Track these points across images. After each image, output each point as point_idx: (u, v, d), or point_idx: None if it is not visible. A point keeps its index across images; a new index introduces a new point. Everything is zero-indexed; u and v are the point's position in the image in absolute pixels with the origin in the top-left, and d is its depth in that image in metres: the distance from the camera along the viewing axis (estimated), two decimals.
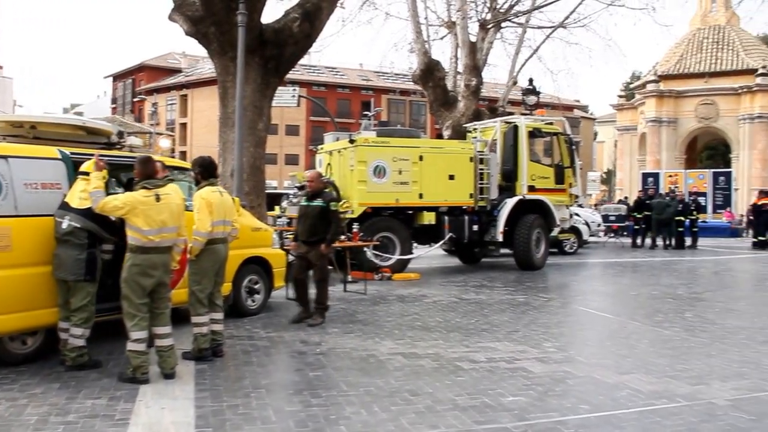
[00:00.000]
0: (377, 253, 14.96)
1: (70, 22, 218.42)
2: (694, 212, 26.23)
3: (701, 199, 33.83)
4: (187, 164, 9.22)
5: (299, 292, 9.92)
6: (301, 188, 15.81)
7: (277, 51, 13.98)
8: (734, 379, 6.87)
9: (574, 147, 19.04)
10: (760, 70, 46.17)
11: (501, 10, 23.71)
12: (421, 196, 15.73)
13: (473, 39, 22.87)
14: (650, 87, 49.48)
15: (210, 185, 7.79)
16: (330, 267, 14.25)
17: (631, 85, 58.66)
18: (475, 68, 22.43)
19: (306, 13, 14.03)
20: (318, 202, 9.72)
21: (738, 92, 47.14)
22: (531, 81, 26.14)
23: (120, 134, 8.25)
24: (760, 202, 26.35)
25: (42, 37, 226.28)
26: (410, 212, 15.94)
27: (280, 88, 23.94)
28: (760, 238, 25.76)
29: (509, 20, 24.54)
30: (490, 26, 23.40)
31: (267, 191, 15.63)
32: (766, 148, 46.60)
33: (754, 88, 46.31)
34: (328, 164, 16.39)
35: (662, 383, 6.62)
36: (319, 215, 9.68)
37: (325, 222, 9.72)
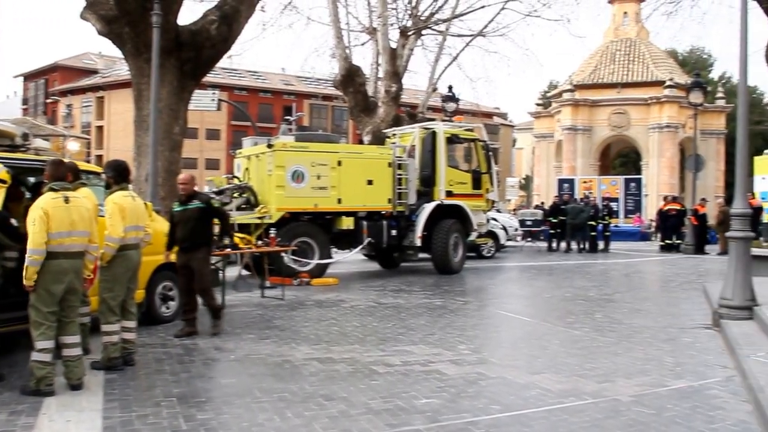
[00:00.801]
0: (295, 258, 14.89)
1: None
2: (606, 217, 27.00)
3: (614, 205, 34.87)
4: (99, 168, 9.01)
5: (188, 306, 9.41)
6: (219, 193, 15.63)
7: (193, 53, 13.77)
8: (638, 375, 7.09)
9: (491, 153, 19.34)
10: (668, 82, 47.80)
11: (422, 18, 23.91)
12: (339, 201, 15.74)
13: (394, 45, 22.99)
14: (566, 96, 50.52)
15: (122, 190, 7.64)
16: (248, 272, 14.18)
17: (548, 94, 59.83)
18: (396, 74, 22.55)
19: (224, 15, 13.85)
20: (196, 204, 9.24)
21: (648, 103, 48.61)
22: (450, 88, 26.47)
23: (25, 136, 7.96)
24: (666, 208, 27.31)
25: None
26: (329, 217, 15.92)
27: (199, 91, 23.59)
28: (667, 241, 26.71)
29: (430, 28, 24.77)
30: (410, 33, 23.58)
31: None
32: (674, 156, 48.20)
33: (663, 99, 47.88)
34: (246, 169, 16.25)
35: (571, 382, 6.78)
36: (200, 218, 9.23)
37: (206, 225, 9.36)
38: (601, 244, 26.26)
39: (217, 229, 9.69)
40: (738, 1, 10.14)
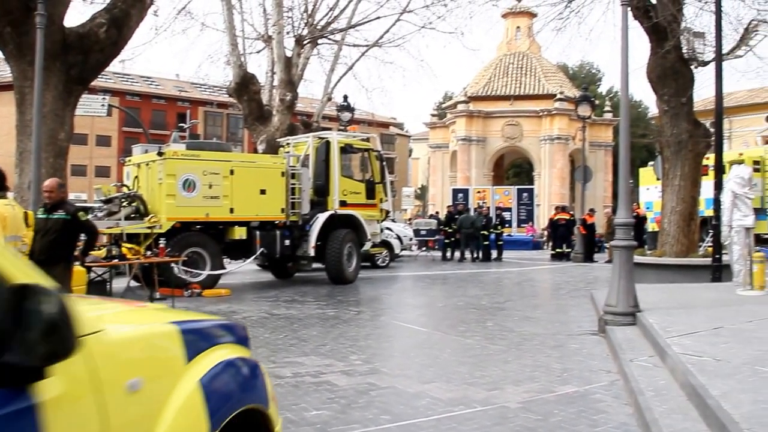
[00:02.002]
0: (186, 269, 14.54)
1: None
2: (499, 226, 27.53)
3: (506, 214, 35.58)
4: None
5: None
6: (107, 202, 15.12)
7: (81, 57, 13.22)
8: (526, 382, 7.17)
9: (384, 163, 19.42)
10: (558, 96, 49.12)
11: (318, 27, 23.81)
12: (231, 210, 15.48)
13: (289, 54, 22.81)
14: (461, 107, 51.26)
15: (1, 198, 7.26)
16: (137, 283, 13.75)
17: (444, 105, 60.58)
18: (291, 83, 22.37)
19: (114, 18, 13.37)
20: (60, 215, 8.41)
21: (539, 115, 49.83)
22: (346, 97, 26.47)
23: None
24: (556, 218, 28.09)
25: None
26: (221, 227, 15.64)
27: (89, 96, 22.77)
28: (558, 250, 27.44)
29: (325, 37, 24.69)
30: (306, 42, 23.43)
31: (75, 205, 14.80)
32: (564, 167, 49.52)
33: (553, 112, 49.16)
34: (136, 177, 15.77)
35: (461, 390, 6.79)
36: (63, 230, 8.40)
37: (68, 239, 8.57)
38: (494, 253, 26.71)
39: (81, 245, 9.00)
40: (621, 20, 10.48)
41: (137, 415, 2.23)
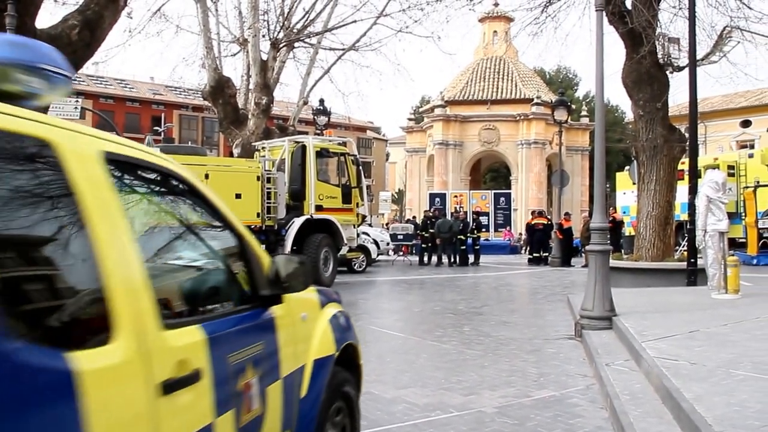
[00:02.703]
0: None
1: None
2: (476, 231, 27.54)
3: (483, 219, 35.58)
4: None
5: None
6: None
7: None
8: (503, 387, 7.15)
9: (361, 167, 19.36)
10: (535, 100, 49.18)
11: (294, 31, 23.71)
12: None
13: (265, 57, 22.68)
14: (438, 111, 51.32)
15: None
16: None
17: (421, 109, 60.63)
18: (266, 87, 22.25)
19: (86, 20, 13.13)
20: None
21: (516, 119, 49.95)
22: (322, 101, 26.41)
23: None
24: (533, 222, 28.16)
25: None
26: None
27: (61, 99, 22.40)
28: (535, 254, 27.50)
29: (301, 41, 24.60)
30: (282, 45, 23.32)
31: None
32: (542, 172, 49.65)
33: (530, 116, 49.23)
34: None
35: (437, 395, 6.76)
36: None
37: None
38: (471, 258, 26.71)
39: None
40: (596, 25, 10.51)
41: (305, 332, 3.86)
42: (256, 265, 3.43)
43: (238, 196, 15.83)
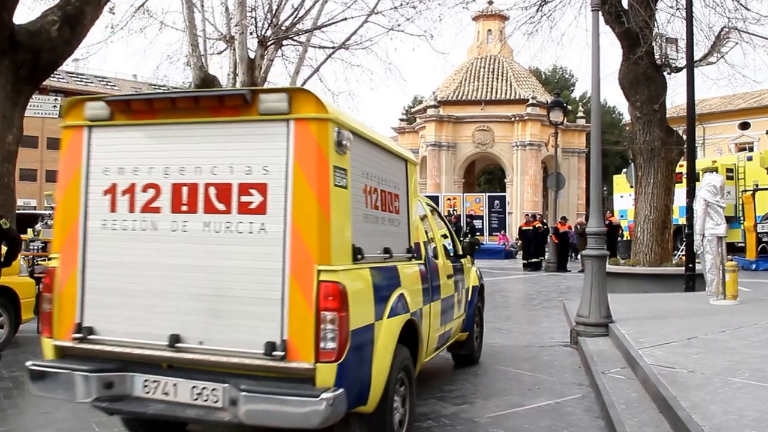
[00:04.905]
0: None
1: None
2: (469, 234, 27.29)
3: (477, 222, 35.36)
4: None
5: None
6: None
7: (31, 56, 12.57)
8: (497, 396, 7.08)
9: None
10: (530, 101, 48.87)
11: (282, 28, 23.39)
12: None
13: (252, 55, 22.36)
14: (430, 112, 50.88)
15: None
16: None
17: (413, 110, 60.36)
18: (254, 85, 21.90)
19: (67, 16, 12.79)
20: None
21: (511, 120, 49.57)
22: None
23: None
24: (526, 227, 27.95)
25: None
26: None
27: (40, 96, 22.06)
28: (533, 260, 27.19)
29: (290, 38, 24.28)
30: (270, 43, 22.98)
31: (23, 211, 14.28)
32: (537, 174, 49.35)
33: (525, 117, 48.92)
34: None
35: (429, 405, 6.67)
36: None
37: None
38: None
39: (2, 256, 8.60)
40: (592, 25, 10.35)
41: (469, 272, 8.57)
42: (456, 244, 8.18)
43: None
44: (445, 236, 7.92)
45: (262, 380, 4.15)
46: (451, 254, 7.72)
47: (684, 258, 14.76)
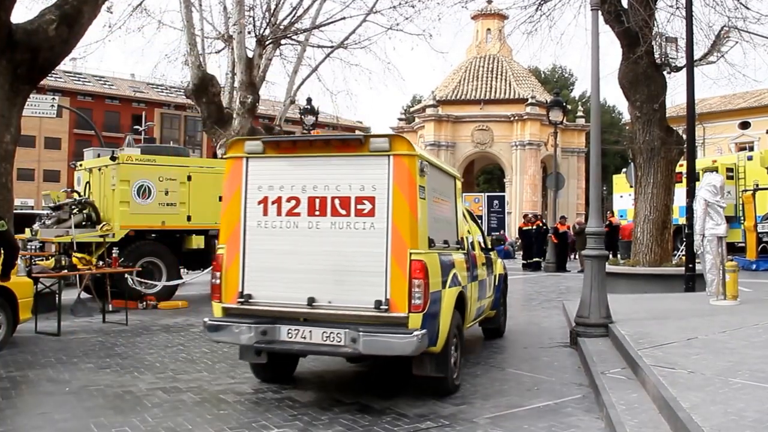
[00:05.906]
0: (141, 279, 14.12)
1: None
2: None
3: None
4: None
5: None
6: (56, 208, 14.55)
7: (29, 55, 12.48)
8: (496, 397, 7.07)
9: None
10: (530, 100, 48.88)
11: (280, 27, 23.30)
12: (189, 218, 15.11)
13: (251, 55, 22.26)
14: (429, 111, 50.95)
15: None
16: (89, 295, 13.27)
17: (411, 109, 60.31)
18: (252, 85, 21.80)
19: (64, 15, 12.70)
20: None
21: (510, 120, 49.61)
22: (309, 100, 26.08)
23: None
24: (527, 227, 27.87)
25: None
26: (178, 235, 15.27)
27: (37, 96, 21.98)
28: (535, 259, 27.08)
29: (288, 38, 24.19)
30: (268, 42, 22.88)
31: (22, 211, 14.23)
32: (536, 174, 49.36)
33: (525, 117, 48.97)
34: (88, 183, 15.25)
35: (428, 406, 6.65)
36: None
37: None
38: None
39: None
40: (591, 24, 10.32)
41: (496, 263, 10.55)
42: (486, 240, 10.14)
43: (221, 198, 15.47)
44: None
45: (372, 325, 6.22)
46: (483, 247, 9.69)
47: (684, 258, 14.72)
